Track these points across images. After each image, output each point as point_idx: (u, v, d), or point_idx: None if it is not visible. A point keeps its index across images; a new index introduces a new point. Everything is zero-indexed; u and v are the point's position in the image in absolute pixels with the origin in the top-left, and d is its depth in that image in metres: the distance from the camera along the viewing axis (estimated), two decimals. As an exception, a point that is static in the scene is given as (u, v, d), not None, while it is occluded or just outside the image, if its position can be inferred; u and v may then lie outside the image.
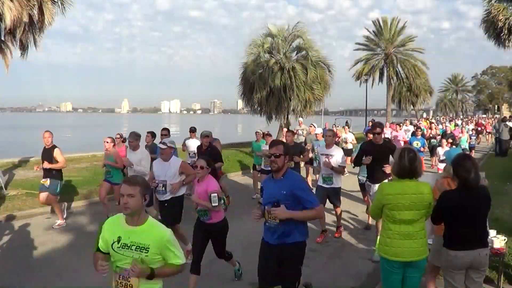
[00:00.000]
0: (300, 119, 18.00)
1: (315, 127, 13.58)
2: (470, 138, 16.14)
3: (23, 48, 13.08)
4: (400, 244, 3.39)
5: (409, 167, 3.40)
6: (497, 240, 4.57)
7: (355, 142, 14.63)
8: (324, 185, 6.99)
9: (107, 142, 7.96)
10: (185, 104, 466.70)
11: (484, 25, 18.54)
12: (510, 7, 17.61)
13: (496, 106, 63.44)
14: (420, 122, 24.79)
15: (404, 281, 3.50)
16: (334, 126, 21.26)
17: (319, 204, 3.60)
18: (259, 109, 21.27)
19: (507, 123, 19.14)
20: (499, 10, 17.39)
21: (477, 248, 3.40)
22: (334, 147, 7.18)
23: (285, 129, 13.29)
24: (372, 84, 34.13)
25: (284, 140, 10.94)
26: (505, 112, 62.69)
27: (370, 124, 21.29)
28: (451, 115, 56.47)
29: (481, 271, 3.50)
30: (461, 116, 56.24)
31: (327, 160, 6.91)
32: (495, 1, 17.87)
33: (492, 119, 40.01)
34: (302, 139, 14.07)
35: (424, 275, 3.85)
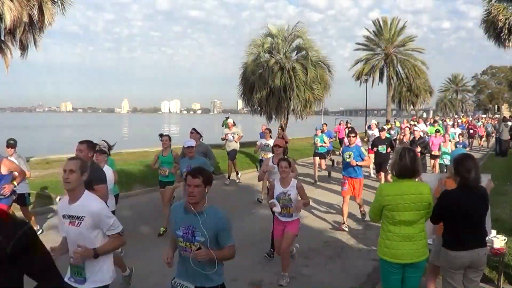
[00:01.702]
0: (230, 121, 13.24)
1: (234, 125, 12.10)
2: (456, 147, 11.83)
3: (23, 48, 13.09)
4: (399, 246, 3.38)
5: (411, 167, 3.39)
6: (497, 240, 4.57)
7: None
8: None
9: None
10: (185, 104, 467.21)
11: (484, 25, 18.56)
12: (510, 7, 17.63)
13: (496, 106, 63.47)
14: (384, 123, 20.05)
15: (404, 281, 3.50)
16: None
17: None
18: (259, 109, 21.26)
19: (508, 123, 19.14)
20: (499, 10, 17.40)
21: (477, 248, 3.40)
22: None
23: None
24: (372, 84, 34.21)
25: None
26: (505, 112, 62.62)
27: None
28: (451, 115, 56.26)
29: (479, 271, 3.51)
30: (457, 115, 53.78)
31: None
32: (495, 1, 17.89)
33: (486, 120, 34.22)
34: (235, 146, 12.27)
35: (424, 275, 3.85)
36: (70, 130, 56.39)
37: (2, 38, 12.56)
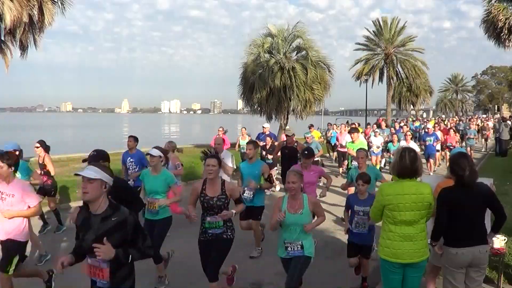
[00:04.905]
0: None
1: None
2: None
3: (23, 48, 13.11)
4: (400, 245, 3.39)
5: (410, 167, 3.40)
6: (497, 240, 4.56)
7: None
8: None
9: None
10: (185, 104, 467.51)
11: (484, 25, 18.55)
12: (510, 7, 17.62)
13: (496, 106, 63.49)
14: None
15: (404, 281, 3.50)
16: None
17: None
18: (259, 109, 21.26)
19: (508, 122, 19.15)
20: (499, 10, 17.40)
21: (477, 244, 3.41)
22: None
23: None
24: (372, 84, 34.16)
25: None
26: (505, 112, 62.62)
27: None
28: (451, 115, 56.17)
29: (481, 269, 3.51)
30: (456, 115, 49.67)
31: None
32: (495, 1, 17.88)
33: (468, 121, 26.21)
34: None
35: (424, 275, 3.85)
36: (71, 130, 56.43)
37: (2, 38, 12.57)
